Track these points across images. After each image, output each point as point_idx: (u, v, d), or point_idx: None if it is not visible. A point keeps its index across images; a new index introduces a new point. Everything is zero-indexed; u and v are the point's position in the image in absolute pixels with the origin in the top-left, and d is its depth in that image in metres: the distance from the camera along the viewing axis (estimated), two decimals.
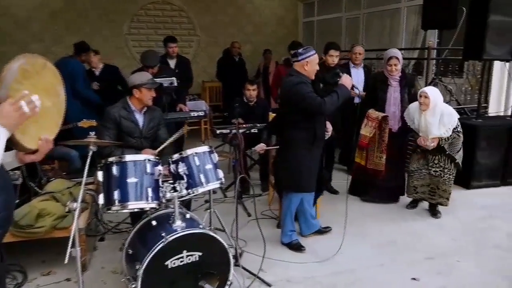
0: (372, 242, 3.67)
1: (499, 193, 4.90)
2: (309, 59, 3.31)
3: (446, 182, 4.06)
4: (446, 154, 3.98)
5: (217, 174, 2.84)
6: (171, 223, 2.62)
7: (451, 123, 3.89)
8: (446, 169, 4.04)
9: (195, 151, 2.80)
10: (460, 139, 3.97)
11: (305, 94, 3.21)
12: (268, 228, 3.87)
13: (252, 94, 4.83)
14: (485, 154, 4.99)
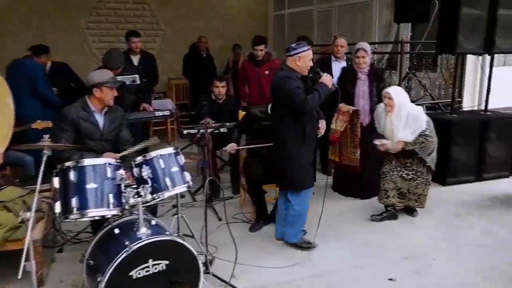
0: (348, 243, 3.72)
1: (474, 189, 5.07)
2: (302, 54, 3.37)
3: (419, 186, 4.03)
4: (418, 157, 3.93)
5: (184, 177, 2.82)
6: (135, 230, 2.59)
7: (417, 127, 3.80)
8: (419, 172, 4.00)
9: (159, 153, 2.77)
10: (431, 143, 3.88)
11: (291, 90, 3.27)
12: (240, 232, 3.87)
13: (220, 91, 4.82)
14: (460, 149, 5.15)
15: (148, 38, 8.62)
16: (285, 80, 3.32)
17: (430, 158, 3.95)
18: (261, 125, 3.98)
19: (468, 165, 5.23)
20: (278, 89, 3.37)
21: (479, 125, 5.21)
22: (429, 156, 3.94)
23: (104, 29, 8.59)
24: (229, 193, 4.85)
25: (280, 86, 3.35)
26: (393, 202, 4.11)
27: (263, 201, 4.02)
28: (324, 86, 3.39)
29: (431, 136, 3.85)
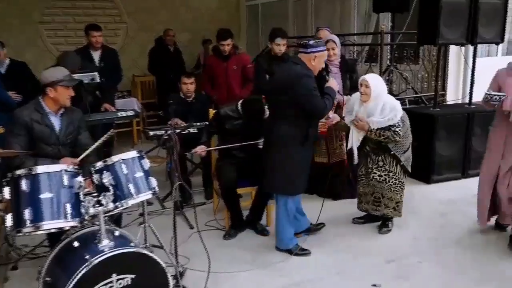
0: (329, 249, 3.76)
1: (460, 186, 5.19)
2: (318, 54, 3.44)
3: (392, 189, 3.90)
4: (391, 154, 3.84)
5: (150, 182, 2.80)
6: (97, 243, 2.55)
7: (391, 117, 3.71)
8: (391, 173, 3.88)
9: (121, 158, 2.74)
10: (404, 140, 3.82)
11: (312, 93, 3.33)
12: (213, 240, 3.86)
13: (189, 88, 4.80)
14: (445, 145, 5.26)
15: (109, 31, 8.49)
16: (304, 79, 3.34)
17: (405, 157, 3.87)
18: (233, 125, 3.98)
19: (453, 161, 5.35)
20: (292, 86, 3.35)
21: (464, 119, 5.33)
22: (404, 154, 3.86)
23: (60, 23, 8.41)
24: (201, 199, 4.82)
25: (296, 83, 3.34)
26: (366, 208, 4.09)
27: (238, 206, 4.02)
28: (332, 91, 3.50)
29: (399, 134, 3.72)
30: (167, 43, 7.26)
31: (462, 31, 5.09)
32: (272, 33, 4.76)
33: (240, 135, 3.98)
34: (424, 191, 5.05)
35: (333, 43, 4.47)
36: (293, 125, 3.42)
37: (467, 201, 4.70)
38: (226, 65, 5.15)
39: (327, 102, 3.41)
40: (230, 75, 5.16)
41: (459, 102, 6.26)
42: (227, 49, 5.04)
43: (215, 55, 5.22)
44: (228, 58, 5.14)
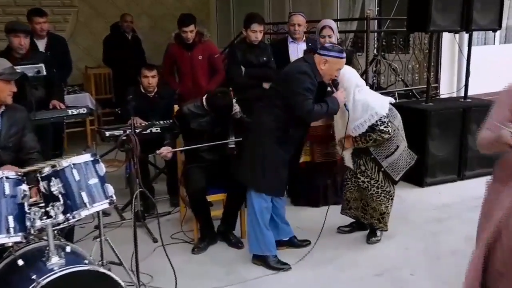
0: (312, 261, 3.79)
1: (456, 190, 5.32)
2: (331, 59, 3.49)
3: (375, 199, 3.89)
4: (371, 158, 3.84)
5: (106, 190, 2.78)
6: (45, 261, 2.52)
7: (367, 118, 3.70)
8: (373, 180, 3.87)
9: (73, 162, 2.71)
10: (390, 141, 3.81)
11: (301, 92, 3.42)
12: (181, 255, 3.86)
13: (150, 82, 4.78)
14: (438, 143, 5.38)
15: (57, 17, 8.37)
16: (301, 75, 3.46)
17: (389, 161, 3.84)
18: (199, 124, 3.98)
19: (448, 162, 5.48)
20: (287, 78, 3.52)
21: (459, 114, 5.46)
22: (387, 159, 3.84)
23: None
24: (166, 208, 4.81)
25: (291, 76, 3.49)
26: (355, 215, 4.14)
27: (208, 215, 4.02)
28: (335, 102, 3.54)
29: (387, 132, 3.71)
30: (125, 30, 7.20)
31: (455, 17, 5.21)
32: (248, 19, 4.79)
33: (208, 134, 3.99)
34: (416, 195, 5.15)
35: (329, 29, 4.50)
36: (274, 116, 3.52)
37: (464, 206, 4.82)
38: (191, 55, 5.14)
39: (317, 108, 3.46)
40: (195, 66, 5.17)
41: (454, 95, 6.39)
42: (190, 36, 5.03)
43: (178, 43, 5.19)
44: (192, 47, 5.13)
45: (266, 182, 3.58)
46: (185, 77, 5.24)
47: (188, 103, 4.10)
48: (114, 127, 4.59)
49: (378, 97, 3.86)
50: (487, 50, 7.06)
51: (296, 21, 5.06)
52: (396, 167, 3.89)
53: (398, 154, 3.87)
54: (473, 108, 5.50)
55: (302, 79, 3.45)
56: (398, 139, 3.86)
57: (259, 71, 4.88)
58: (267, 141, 3.54)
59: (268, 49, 4.98)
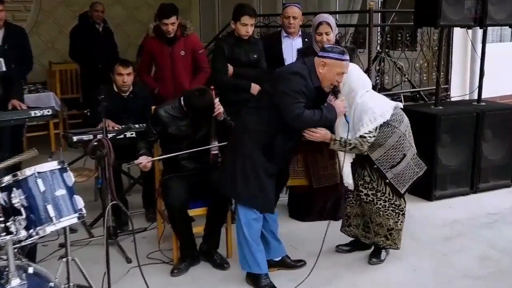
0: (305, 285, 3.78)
1: (468, 204, 5.37)
2: (330, 61, 3.50)
3: (381, 213, 3.91)
4: (375, 168, 3.84)
5: (75, 202, 2.78)
6: (4, 283, 2.51)
7: (365, 121, 3.68)
8: (379, 192, 3.87)
9: (37, 170, 2.70)
10: (396, 149, 3.80)
11: (290, 93, 3.43)
12: (159, 277, 3.85)
13: (126, 80, 4.77)
14: (449, 152, 5.43)
15: (17, 5, 8.34)
16: (293, 75, 3.49)
17: (393, 173, 3.85)
18: (178, 128, 3.98)
19: (459, 173, 5.52)
20: (278, 79, 3.56)
21: (472, 119, 5.50)
22: (392, 170, 3.84)
23: None
24: (142, 224, 4.80)
25: (283, 77, 3.52)
26: (355, 234, 4.15)
27: (190, 232, 4.02)
28: (331, 110, 3.52)
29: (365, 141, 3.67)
30: (95, 20, 7.18)
31: (468, 11, 5.28)
32: (238, 10, 4.78)
33: (188, 140, 3.99)
34: (424, 210, 5.19)
35: (327, 26, 4.52)
36: (261, 119, 3.55)
37: (478, 222, 4.86)
38: (171, 50, 5.15)
39: (308, 114, 3.44)
40: (176, 63, 5.17)
41: (466, 98, 6.45)
42: (171, 29, 5.04)
43: (157, 37, 5.19)
44: (173, 42, 5.14)
45: (249, 195, 3.59)
46: (164, 75, 5.24)
47: (164, 105, 4.10)
48: (82, 131, 4.56)
49: (381, 102, 3.82)
50: (503, 48, 7.15)
51: (291, 13, 5.05)
52: (402, 178, 3.88)
53: (404, 163, 3.86)
54: (487, 112, 5.56)
55: (294, 79, 3.47)
56: (405, 147, 3.85)
57: (250, 72, 4.89)
58: (251, 146, 3.56)
59: (259, 45, 4.98)
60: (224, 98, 4.46)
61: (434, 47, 6.50)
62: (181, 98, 4.00)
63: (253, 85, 4.82)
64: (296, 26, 5.08)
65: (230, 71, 4.85)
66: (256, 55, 4.91)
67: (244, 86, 4.84)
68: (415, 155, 3.95)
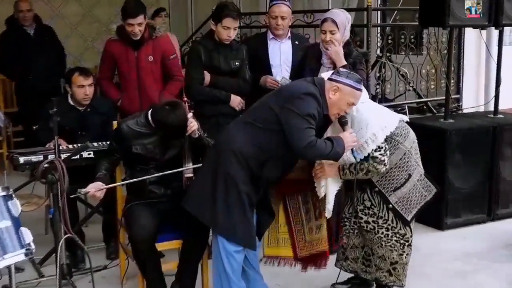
0: None
1: (485, 233, 5.40)
2: (344, 88, 3.54)
3: (383, 244, 3.87)
4: (376, 191, 3.83)
5: (21, 236, 2.77)
6: None
7: (367, 138, 3.69)
8: (381, 219, 3.84)
9: None
10: (399, 169, 3.81)
11: (304, 116, 3.44)
12: None
13: (88, 92, 4.77)
14: (462, 173, 5.46)
15: None
16: (308, 96, 3.50)
17: (397, 196, 3.83)
18: (143, 147, 3.97)
19: (474, 197, 5.56)
20: (288, 97, 3.55)
21: (488, 134, 5.55)
22: (395, 193, 3.82)
23: None
24: (101, 260, 4.77)
25: (296, 96, 3.51)
26: (354, 269, 4.10)
27: (158, 270, 3.99)
28: (340, 144, 3.53)
29: (382, 162, 3.70)
30: (22, 23, 6.93)
31: (482, 9, 5.35)
32: (220, 10, 4.76)
33: (156, 161, 3.99)
34: (434, 241, 5.21)
35: (332, 24, 4.50)
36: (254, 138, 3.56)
37: (496, 255, 4.88)
38: (138, 55, 5.15)
39: (320, 144, 3.45)
40: (143, 70, 5.17)
41: (481, 110, 6.52)
42: (137, 30, 5.03)
43: (121, 39, 5.20)
44: (140, 45, 5.15)
45: (230, 225, 3.58)
46: (128, 85, 5.24)
47: (128, 119, 4.10)
48: (30, 151, 4.51)
49: (381, 113, 3.84)
50: None
51: (279, 12, 5.02)
52: (408, 203, 3.86)
53: (410, 185, 3.85)
54: (505, 126, 5.62)
55: (308, 102, 3.48)
56: (410, 165, 3.84)
57: (230, 81, 4.88)
58: (237, 168, 3.55)
59: (242, 51, 4.94)
60: (198, 111, 4.48)
61: (442, 50, 6.57)
62: (148, 113, 4.00)
63: (233, 97, 4.82)
64: (284, 27, 5.07)
65: (206, 79, 4.83)
66: (238, 63, 4.89)
67: (222, 97, 4.83)
68: (423, 176, 3.93)
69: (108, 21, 8.94)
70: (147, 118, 3.98)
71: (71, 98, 4.80)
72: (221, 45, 4.82)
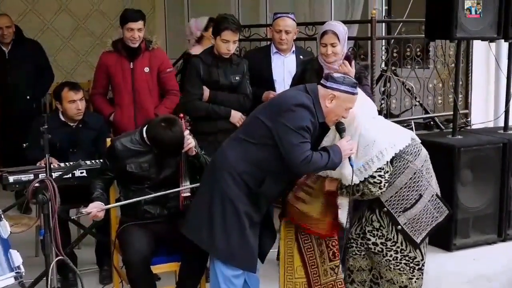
0: None
1: (496, 255, 5.38)
2: (340, 95, 3.52)
3: (392, 267, 3.79)
4: (386, 212, 3.76)
5: (11, 259, 2.78)
6: None
7: (373, 155, 3.63)
8: (389, 241, 3.77)
9: None
10: (410, 189, 3.74)
11: (297, 131, 3.43)
12: None
13: (81, 108, 4.80)
14: (471, 191, 5.45)
15: None
16: (300, 108, 3.48)
17: (406, 217, 3.76)
18: (138, 165, 3.98)
19: (485, 217, 5.55)
20: (279, 111, 3.52)
21: (498, 151, 5.55)
22: (405, 213, 3.75)
23: None
24: (94, 284, 4.78)
25: (287, 109, 3.49)
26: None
27: None
28: (337, 153, 3.51)
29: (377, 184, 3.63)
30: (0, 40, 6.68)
31: (491, 20, 5.38)
32: (218, 23, 4.77)
33: (151, 180, 4.00)
34: (442, 262, 5.18)
35: (333, 36, 4.48)
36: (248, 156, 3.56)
37: (508, 278, 4.86)
38: (134, 66, 5.17)
39: (316, 157, 3.44)
40: (139, 82, 5.20)
41: (490, 125, 6.51)
42: (137, 36, 5.07)
43: (116, 49, 5.21)
44: (136, 55, 5.18)
45: (229, 248, 3.58)
46: (123, 98, 5.24)
47: (122, 137, 4.11)
48: (20, 169, 4.52)
49: (390, 130, 3.80)
50: None
51: (283, 26, 5.02)
52: (418, 224, 3.79)
53: (421, 206, 3.77)
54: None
55: (300, 113, 3.46)
56: (421, 185, 3.78)
57: (230, 97, 4.88)
58: (233, 188, 3.56)
59: (243, 65, 4.95)
60: (197, 128, 4.47)
61: (450, 64, 6.59)
62: (143, 129, 4.01)
63: (233, 113, 4.82)
64: (289, 41, 5.08)
65: (205, 94, 4.83)
66: (238, 77, 4.89)
67: (222, 113, 4.82)
68: (435, 196, 3.85)
69: (101, 34, 9.01)
70: (142, 136, 3.99)
71: (62, 114, 4.81)
72: (221, 59, 4.81)
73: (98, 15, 9.11)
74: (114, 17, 8.98)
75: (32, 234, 5.10)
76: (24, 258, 2.87)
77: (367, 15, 6.91)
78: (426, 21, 5.50)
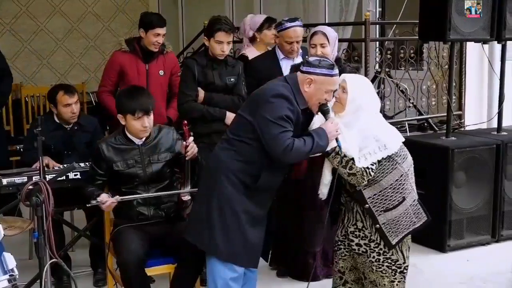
0: None
1: (489, 255, 5.39)
2: (317, 78, 3.53)
3: (374, 269, 3.77)
4: (367, 208, 3.72)
5: (4, 262, 2.78)
6: None
7: (373, 148, 3.64)
8: (372, 242, 3.76)
9: None
10: (395, 190, 3.73)
11: (276, 121, 3.45)
12: None
13: (76, 111, 4.80)
14: (465, 193, 5.46)
15: None
16: (277, 98, 3.51)
17: (387, 218, 3.74)
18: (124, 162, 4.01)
19: (478, 218, 5.55)
20: (258, 104, 3.56)
21: (491, 152, 5.56)
22: (386, 214, 3.73)
23: None
24: (89, 286, 4.77)
25: (264, 101, 3.52)
26: None
27: None
28: (322, 136, 3.50)
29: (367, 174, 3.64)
30: None
31: (484, 22, 5.39)
32: (212, 24, 4.78)
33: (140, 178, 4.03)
34: (436, 263, 5.20)
35: (322, 37, 4.56)
36: (240, 154, 3.58)
37: (502, 278, 4.87)
38: (149, 68, 5.21)
39: (298, 144, 3.45)
40: (153, 85, 5.21)
41: (484, 127, 6.53)
42: (161, 41, 5.16)
43: (132, 50, 5.22)
44: (151, 58, 5.22)
45: (229, 247, 3.59)
46: None
47: (106, 138, 4.18)
48: (13, 172, 4.52)
49: (390, 130, 3.81)
50: None
51: (295, 37, 4.90)
52: (396, 226, 3.75)
53: (402, 209, 3.75)
54: (510, 143, 5.62)
55: (278, 104, 3.48)
56: (406, 188, 3.77)
57: (225, 98, 4.87)
58: (229, 188, 3.57)
59: (238, 67, 4.95)
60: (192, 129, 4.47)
61: (443, 65, 6.60)
62: (124, 127, 4.06)
63: (228, 114, 4.80)
64: (298, 48, 5.05)
65: (200, 96, 4.82)
66: (233, 79, 4.88)
67: (217, 115, 4.80)
68: (416, 202, 3.85)
69: (95, 37, 9.00)
70: (124, 132, 4.03)
71: (57, 116, 4.81)
72: (216, 61, 4.81)
73: (92, 17, 9.10)
74: (107, 19, 9.01)
75: (26, 236, 5.09)
76: (17, 260, 2.86)
77: (361, 17, 6.92)
78: (419, 23, 5.51)
